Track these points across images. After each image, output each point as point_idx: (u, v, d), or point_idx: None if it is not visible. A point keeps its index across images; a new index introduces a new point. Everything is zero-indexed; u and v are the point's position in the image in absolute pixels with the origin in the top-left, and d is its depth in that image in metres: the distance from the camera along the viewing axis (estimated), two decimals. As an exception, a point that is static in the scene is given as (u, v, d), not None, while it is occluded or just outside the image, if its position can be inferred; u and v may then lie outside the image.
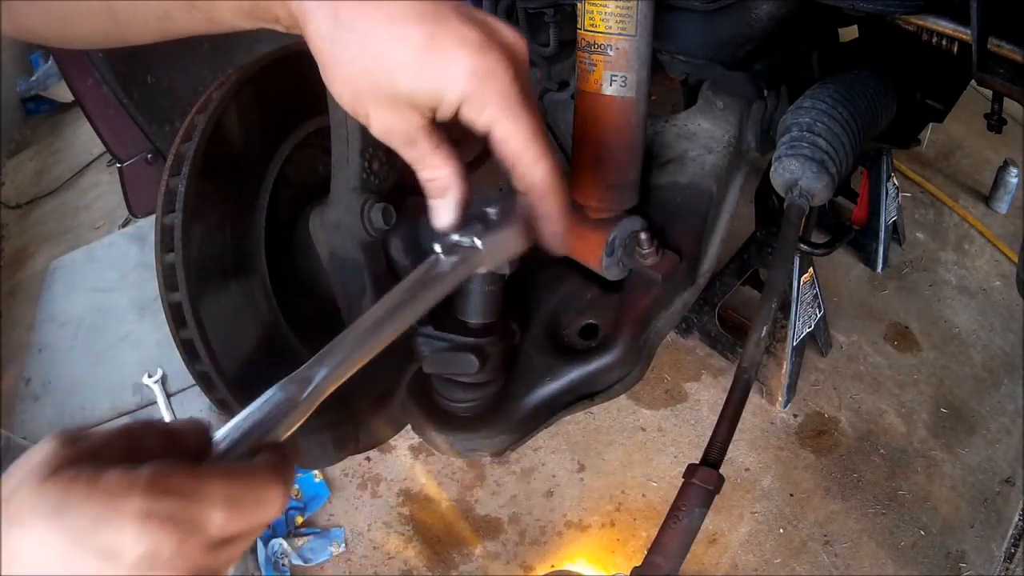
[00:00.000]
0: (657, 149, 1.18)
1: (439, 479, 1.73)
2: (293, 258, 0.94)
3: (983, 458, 1.71)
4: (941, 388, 1.85)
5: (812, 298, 1.72)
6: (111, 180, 2.97)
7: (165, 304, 0.76)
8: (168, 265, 0.75)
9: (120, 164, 1.46)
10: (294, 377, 0.48)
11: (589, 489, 1.69)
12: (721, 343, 1.91)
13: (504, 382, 0.94)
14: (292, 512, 1.67)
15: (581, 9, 0.89)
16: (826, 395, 1.84)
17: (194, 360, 0.77)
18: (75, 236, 2.77)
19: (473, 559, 1.59)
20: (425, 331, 0.86)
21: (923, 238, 2.25)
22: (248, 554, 1.57)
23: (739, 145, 1.19)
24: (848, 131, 1.03)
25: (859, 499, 1.64)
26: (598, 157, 0.97)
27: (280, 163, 0.89)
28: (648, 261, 0.93)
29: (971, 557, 1.54)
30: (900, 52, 1.11)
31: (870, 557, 1.54)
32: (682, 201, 1.09)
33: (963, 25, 0.86)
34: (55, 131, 3.55)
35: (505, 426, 0.93)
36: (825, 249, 1.60)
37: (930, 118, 1.25)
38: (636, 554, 1.55)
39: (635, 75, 0.90)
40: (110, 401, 1.95)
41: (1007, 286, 2.09)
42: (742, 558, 1.55)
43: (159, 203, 0.77)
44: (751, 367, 0.84)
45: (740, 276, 1.76)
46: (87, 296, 2.30)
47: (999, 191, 2.30)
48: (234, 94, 0.81)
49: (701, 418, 1.80)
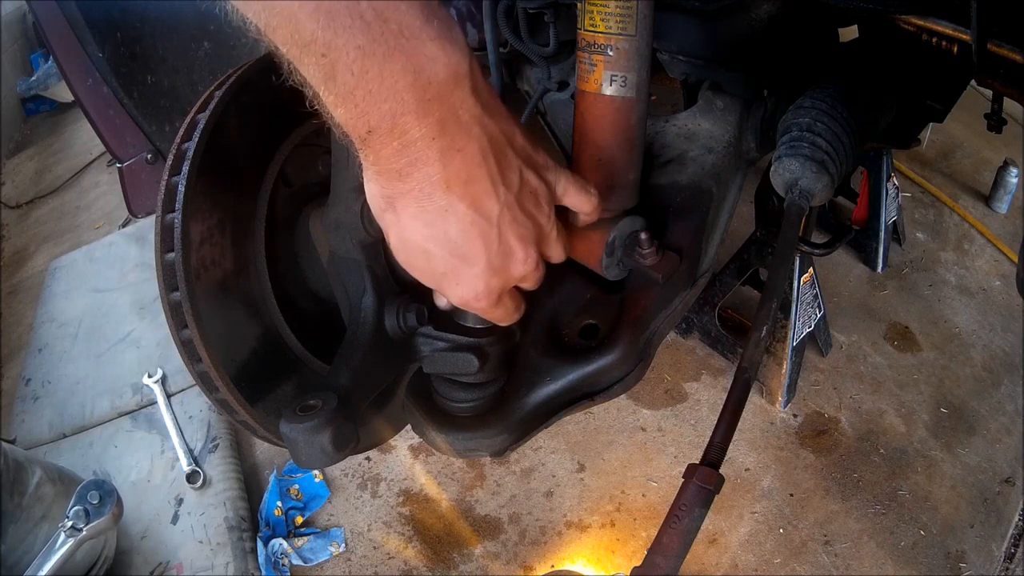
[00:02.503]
0: (657, 149, 1.18)
1: (439, 479, 1.73)
2: (293, 258, 0.94)
3: (983, 458, 1.71)
4: (941, 388, 1.85)
5: (812, 298, 1.72)
6: (111, 180, 2.98)
7: (165, 304, 0.76)
8: (168, 265, 0.75)
9: (120, 164, 1.46)
10: None
11: (589, 489, 1.69)
12: (721, 343, 1.91)
13: (504, 382, 0.94)
14: (292, 512, 1.68)
15: (581, 9, 0.89)
16: (826, 395, 1.84)
17: (194, 360, 0.77)
18: (75, 236, 2.77)
19: (473, 559, 1.59)
20: (425, 331, 0.86)
21: (923, 238, 2.25)
22: (248, 554, 1.57)
23: (739, 145, 1.19)
24: (848, 131, 1.03)
25: (859, 499, 1.64)
26: (598, 157, 0.97)
27: (280, 163, 0.89)
28: (648, 261, 0.93)
29: (971, 557, 1.54)
30: (900, 52, 1.11)
31: (870, 557, 1.54)
32: (682, 201, 1.09)
33: (963, 25, 0.86)
34: (55, 131, 3.56)
35: (505, 426, 0.93)
36: (825, 249, 1.60)
37: (930, 118, 1.25)
38: (636, 554, 1.55)
39: (635, 75, 0.90)
40: (110, 401, 1.95)
41: (1007, 286, 2.09)
42: (742, 558, 1.55)
43: (159, 202, 0.77)
44: (751, 367, 0.84)
45: (740, 276, 1.76)
46: (87, 296, 2.30)
47: (999, 191, 2.30)
48: (235, 94, 0.81)
49: (701, 418, 1.80)
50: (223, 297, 0.81)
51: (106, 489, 1.25)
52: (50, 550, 1.22)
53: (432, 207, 0.57)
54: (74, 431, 1.92)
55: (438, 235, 0.59)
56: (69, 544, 1.22)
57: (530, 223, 0.64)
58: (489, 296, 0.66)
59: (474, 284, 0.64)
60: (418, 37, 0.50)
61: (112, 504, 1.25)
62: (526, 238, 0.64)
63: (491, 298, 0.66)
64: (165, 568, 1.57)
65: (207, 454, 1.76)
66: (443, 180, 0.56)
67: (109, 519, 1.24)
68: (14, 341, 2.34)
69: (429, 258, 0.61)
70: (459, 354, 0.85)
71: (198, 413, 1.85)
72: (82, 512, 1.22)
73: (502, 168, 0.60)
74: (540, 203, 0.65)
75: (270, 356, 0.86)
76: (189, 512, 1.65)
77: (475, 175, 0.57)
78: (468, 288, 0.64)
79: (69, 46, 1.33)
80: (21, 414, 2.00)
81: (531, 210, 0.64)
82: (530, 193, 0.64)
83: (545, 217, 0.66)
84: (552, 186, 0.68)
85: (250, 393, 0.81)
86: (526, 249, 0.64)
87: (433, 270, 0.63)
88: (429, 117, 0.53)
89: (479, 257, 0.62)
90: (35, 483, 1.35)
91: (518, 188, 0.62)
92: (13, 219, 3.03)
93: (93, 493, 1.24)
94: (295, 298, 0.92)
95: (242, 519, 1.64)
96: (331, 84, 0.50)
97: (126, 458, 1.81)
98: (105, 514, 1.24)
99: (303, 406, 0.72)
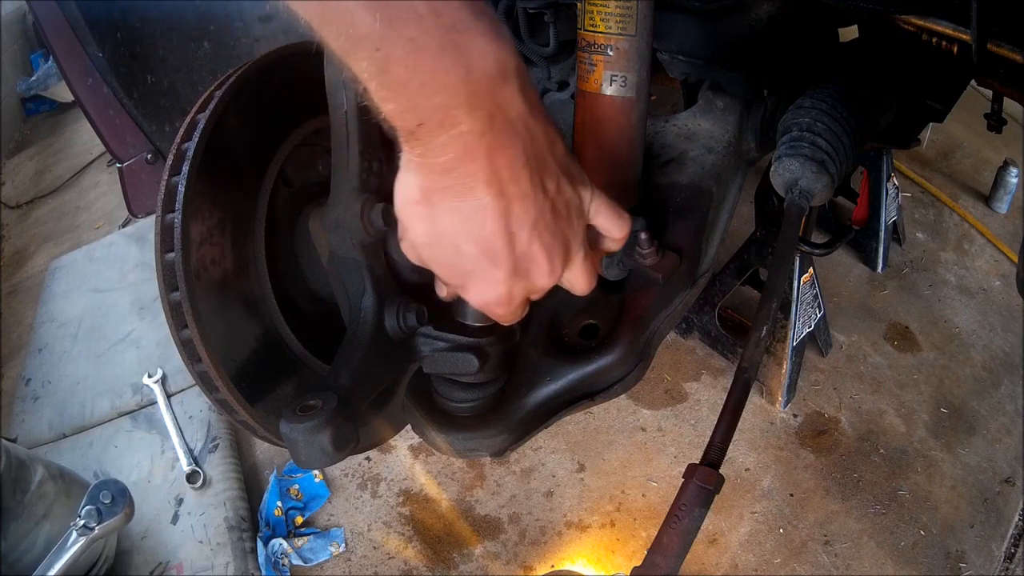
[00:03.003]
0: (657, 149, 1.18)
1: (439, 479, 1.73)
2: (293, 258, 0.94)
3: (983, 458, 1.71)
4: (941, 388, 1.85)
5: (812, 298, 1.72)
6: (111, 180, 2.98)
7: (165, 304, 0.76)
8: (168, 265, 0.75)
9: (120, 164, 1.46)
10: None
11: (589, 489, 1.69)
12: (721, 343, 1.91)
13: (504, 382, 0.94)
14: (292, 512, 1.68)
15: (581, 9, 0.89)
16: (826, 395, 1.84)
17: (194, 360, 0.77)
18: (75, 236, 2.78)
19: (473, 559, 1.59)
20: (425, 331, 0.86)
21: (923, 238, 2.25)
22: (248, 554, 1.57)
23: (739, 145, 1.19)
24: (848, 131, 1.03)
25: (859, 499, 1.64)
26: (598, 157, 0.97)
27: (280, 163, 0.89)
28: (648, 261, 0.93)
29: (971, 557, 1.54)
30: (900, 52, 1.11)
31: (870, 557, 1.54)
32: (682, 201, 1.09)
33: (963, 25, 0.86)
34: (55, 131, 3.56)
35: (505, 426, 0.93)
36: (825, 249, 1.60)
37: (930, 118, 1.25)
38: (636, 554, 1.56)
39: (635, 75, 0.90)
40: (110, 401, 1.95)
41: (1007, 286, 2.09)
42: (742, 558, 1.55)
43: (159, 202, 0.76)
44: (751, 367, 0.84)
45: (740, 276, 1.76)
46: (87, 296, 2.30)
47: (999, 191, 2.30)
48: (235, 94, 0.81)
49: (701, 418, 1.80)
50: (223, 297, 0.81)
51: (118, 489, 1.26)
52: (61, 548, 1.22)
53: (471, 203, 0.58)
54: (74, 431, 1.92)
55: (472, 231, 0.59)
56: (81, 543, 1.22)
57: (560, 236, 0.64)
58: (510, 302, 0.66)
59: (496, 288, 0.64)
60: (470, 32, 0.51)
61: (124, 504, 1.26)
62: (554, 250, 0.64)
63: (511, 305, 0.66)
64: (165, 568, 1.57)
65: (207, 454, 1.76)
66: (486, 176, 0.56)
67: (121, 518, 1.25)
68: (14, 341, 2.34)
69: (458, 254, 0.61)
70: (459, 354, 0.85)
71: (198, 413, 1.85)
72: (94, 511, 1.23)
73: (542, 173, 0.60)
74: (571, 217, 0.65)
75: (270, 356, 0.86)
76: (189, 512, 1.65)
77: (518, 175, 0.58)
78: (491, 291, 0.64)
79: (69, 46, 1.33)
80: (21, 414, 2.00)
81: (563, 223, 0.64)
82: (564, 204, 0.64)
83: (574, 233, 0.66)
84: (586, 203, 0.68)
85: (250, 393, 0.81)
86: (551, 261, 0.64)
87: (460, 266, 0.63)
88: (480, 111, 0.53)
89: (507, 259, 0.62)
90: (37, 481, 1.36)
91: (554, 196, 0.62)
92: (13, 219, 3.03)
93: (105, 493, 1.25)
94: (295, 298, 0.92)
95: (242, 519, 1.64)
96: (384, 78, 0.50)
97: (126, 458, 1.81)
98: (117, 514, 1.25)
99: (303, 406, 0.72)
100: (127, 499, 1.27)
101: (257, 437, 0.86)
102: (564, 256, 0.66)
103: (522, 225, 0.60)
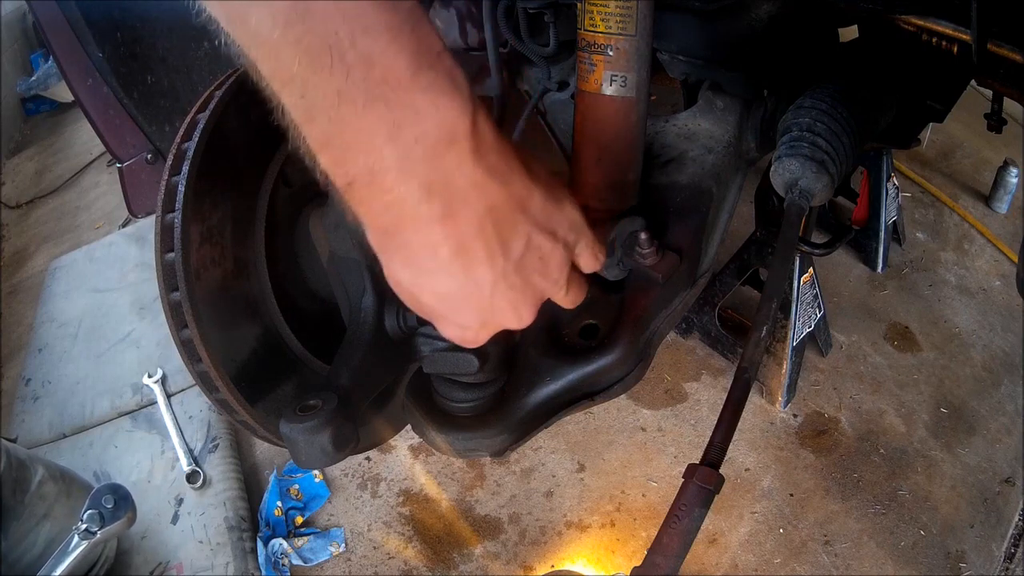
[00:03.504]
0: (657, 149, 1.18)
1: (439, 479, 1.73)
2: (293, 258, 0.94)
3: (983, 458, 1.71)
4: (941, 388, 1.85)
5: (812, 298, 1.72)
6: (111, 180, 2.98)
7: (165, 304, 0.76)
8: (168, 265, 0.75)
9: (120, 164, 1.46)
10: None
11: (589, 489, 1.69)
12: (721, 343, 1.91)
13: (504, 382, 0.94)
14: (292, 512, 1.68)
15: (581, 9, 0.89)
16: (826, 395, 1.84)
17: (194, 360, 0.77)
18: (75, 236, 2.78)
19: (473, 559, 1.59)
20: (425, 331, 0.86)
21: (923, 238, 2.25)
22: (248, 554, 1.57)
23: (739, 145, 1.19)
24: (848, 131, 1.03)
25: (859, 499, 1.64)
26: (598, 157, 0.97)
27: (280, 163, 0.89)
28: (648, 261, 0.93)
29: (971, 557, 1.54)
30: (900, 52, 1.11)
31: (870, 557, 1.54)
32: (682, 201, 1.09)
33: (963, 25, 0.86)
34: (55, 131, 3.56)
35: (505, 426, 0.93)
36: (825, 249, 1.60)
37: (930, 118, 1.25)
38: (636, 554, 1.56)
39: (635, 75, 0.90)
40: (110, 401, 1.95)
41: (1007, 286, 2.09)
42: (742, 558, 1.55)
43: (159, 202, 0.77)
44: (751, 367, 0.84)
45: (740, 276, 1.76)
46: (87, 296, 2.30)
47: (999, 191, 2.30)
48: (234, 93, 0.81)
49: (701, 418, 1.80)
50: (223, 297, 0.81)
51: (121, 494, 1.28)
52: (64, 552, 1.23)
53: (420, 266, 0.54)
54: (74, 431, 1.92)
55: (427, 287, 0.56)
56: (83, 547, 1.23)
57: (529, 289, 0.59)
58: (478, 340, 0.63)
59: (463, 332, 0.61)
60: (405, 88, 0.45)
61: (127, 509, 1.27)
62: (520, 303, 0.59)
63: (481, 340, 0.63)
64: (165, 568, 1.57)
65: (207, 454, 1.76)
66: (430, 245, 0.51)
67: (124, 523, 1.26)
68: (14, 341, 2.34)
69: (417, 302, 0.58)
70: (459, 354, 0.85)
71: (198, 413, 1.85)
72: (96, 516, 1.24)
73: (504, 236, 0.54)
74: (548, 268, 0.60)
75: (270, 356, 0.86)
76: (189, 512, 1.65)
77: (467, 245, 0.52)
78: (456, 333, 0.62)
79: (69, 46, 1.33)
80: (21, 414, 2.00)
81: (533, 276, 0.59)
82: (537, 260, 0.59)
83: (551, 281, 0.61)
84: (572, 247, 0.63)
85: (250, 393, 0.81)
86: (517, 312, 0.60)
87: (421, 310, 0.60)
88: (413, 179, 0.48)
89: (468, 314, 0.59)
90: (37, 481, 1.36)
91: (520, 255, 0.57)
92: (13, 219, 3.03)
93: (108, 497, 1.26)
94: (295, 298, 0.92)
95: (242, 519, 1.64)
96: (310, 128, 0.47)
97: (126, 458, 1.81)
98: (120, 518, 1.25)
99: (303, 406, 0.72)
100: (129, 504, 1.28)
101: (257, 437, 0.86)
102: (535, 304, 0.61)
103: (481, 286, 0.55)
